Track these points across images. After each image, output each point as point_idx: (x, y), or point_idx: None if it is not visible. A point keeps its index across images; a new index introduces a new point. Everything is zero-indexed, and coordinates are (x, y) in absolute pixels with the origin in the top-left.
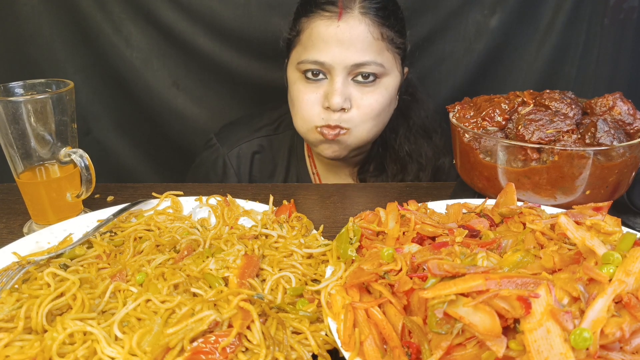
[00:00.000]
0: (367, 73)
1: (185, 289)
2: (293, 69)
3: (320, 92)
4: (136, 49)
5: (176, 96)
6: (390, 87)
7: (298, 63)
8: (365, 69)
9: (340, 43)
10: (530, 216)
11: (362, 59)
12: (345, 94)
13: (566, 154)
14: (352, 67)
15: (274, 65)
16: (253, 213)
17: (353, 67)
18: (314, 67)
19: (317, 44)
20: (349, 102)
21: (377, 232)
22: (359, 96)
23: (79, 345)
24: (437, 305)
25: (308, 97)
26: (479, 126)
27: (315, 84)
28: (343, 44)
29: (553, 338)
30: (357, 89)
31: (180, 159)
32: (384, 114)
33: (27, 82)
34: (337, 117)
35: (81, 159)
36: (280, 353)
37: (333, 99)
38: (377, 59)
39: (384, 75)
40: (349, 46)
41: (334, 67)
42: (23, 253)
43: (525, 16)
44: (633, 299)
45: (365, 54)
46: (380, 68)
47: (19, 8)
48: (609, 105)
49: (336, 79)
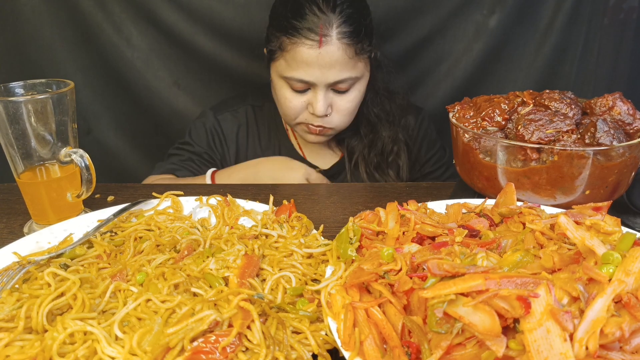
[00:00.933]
0: (345, 88)
1: (185, 289)
2: (278, 77)
3: (305, 100)
4: (137, 49)
5: (177, 96)
6: (362, 87)
7: (284, 76)
8: (343, 84)
9: (321, 66)
10: (530, 216)
11: (340, 77)
12: (327, 103)
13: (566, 154)
14: (332, 83)
15: None
16: (253, 213)
17: (333, 83)
18: (299, 84)
19: (301, 66)
20: (330, 108)
21: (377, 232)
22: (338, 101)
23: (80, 345)
24: (437, 305)
25: (294, 104)
26: (479, 126)
27: (300, 94)
28: (323, 67)
29: (553, 338)
30: (336, 96)
31: None
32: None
33: (28, 82)
34: (319, 120)
35: (81, 159)
36: (280, 353)
37: (317, 109)
38: (352, 74)
39: (357, 81)
40: (330, 68)
41: (317, 85)
42: (23, 253)
43: (524, 16)
44: (633, 299)
45: (342, 72)
46: (355, 80)
47: (19, 8)
48: (608, 105)
49: (319, 92)
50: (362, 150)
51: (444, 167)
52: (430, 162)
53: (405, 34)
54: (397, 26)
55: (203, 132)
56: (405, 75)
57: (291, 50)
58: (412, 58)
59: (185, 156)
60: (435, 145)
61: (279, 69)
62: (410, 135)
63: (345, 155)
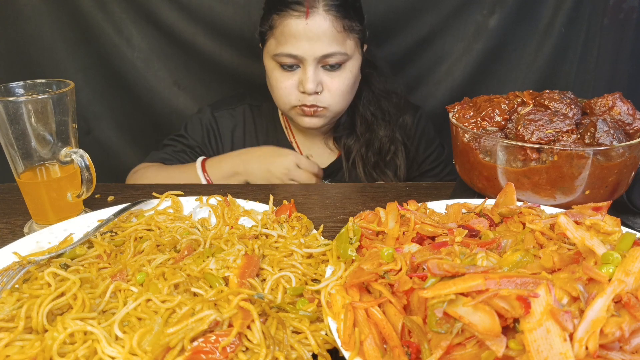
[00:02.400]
0: (334, 63)
1: (185, 289)
2: (269, 59)
3: (295, 79)
4: (137, 49)
5: (177, 96)
6: (354, 68)
7: (274, 55)
8: (332, 58)
9: (309, 38)
10: (530, 216)
11: (328, 51)
12: (317, 80)
13: (566, 154)
14: (321, 57)
15: None
16: (253, 213)
17: (321, 58)
18: (288, 59)
19: (289, 40)
20: (321, 86)
21: (377, 232)
22: (328, 80)
23: (80, 345)
24: (437, 305)
25: (285, 85)
26: (479, 126)
27: (290, 73)
28: (311, 39)
29: (553, 338)
30: (327, 75)
31: None
32: (351, 90)
33: (28, 82)
34: (312, 98)
35: (82, 159)
36: (280, 352)
37: (307, 85)
38: (341, 49)
39: (347, 60)
40: (317, 40)
41: (305, 59)
42: (23, 253)
43: (524, 16)
44: (632, 299)
45: (331, 45)
46: (344, 56)
47: (20, 8)
48: (608, 105)
49: (308, 68)
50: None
51: (442, 165)
52: (429, 160)
53: (405, 34)
54: (397, 26)
55: (199, 127)
56: (406, 75)
57: (279, 26)
58: (412, 58)
59: (178, 147)
60: (433, 143)
61: (270, 49)
62: (408, 134)
63: (342, 154)
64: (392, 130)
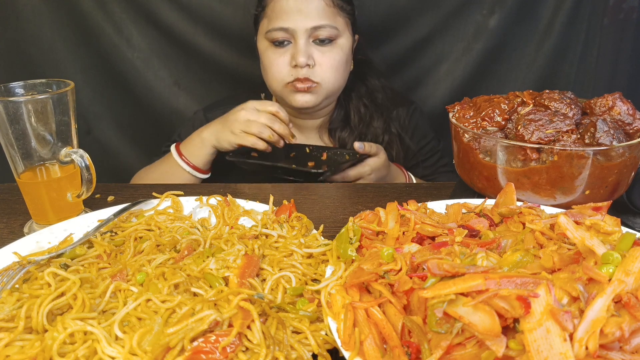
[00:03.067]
0: (325, 37)
1: (185, 289)
2: (262, 39)
3: (287, 55)
4: (137, 49)
5: (177, 96)
6: (344, 47)
7: (266, 32)
8: (323, 31)
9: (300, 11)
10: (530, 216)
11: (319, 23)
12: (308, 53)
13: (566, 154)
14: (312, 30)
15: None
16: (253, 213)
17: (312, 30)
18: (280, 33)
19: (281, 15)
20: (312, 60)
21: (377, 232)
22: (319, 55)
23: (80, 345)
24: (437, 305)
25: (277, 61)
26: (479, 126)
27: (282, 49)
28: (302, 12)
29: (553, 338)
30: (318, 49)
31: None
32: (342, 69)
33: (28, 82)
34: (304, 71)
35: (82, 159)
36: (280, 353)
37: (299, 58)
38: (331, 23)
39: (338, 37)
40: (308, 13)
41: (297, 31)
42: (23, 253)
43: (524, 16)
44: (632, 299)
45: (321, 19)
46: (335, 30)
47: (20, 8)
48: (608, 105)
49: (299, 41)
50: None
51: (438, 155)
52: (423, 152)
53: (406, 34)
54: (397, 26)
55: (191, 130)
56: (406, 75)
57: (271, 3)
58: (412, 58)
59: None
60: (428, 135)
61: (262, 29)
62: (402, 126)
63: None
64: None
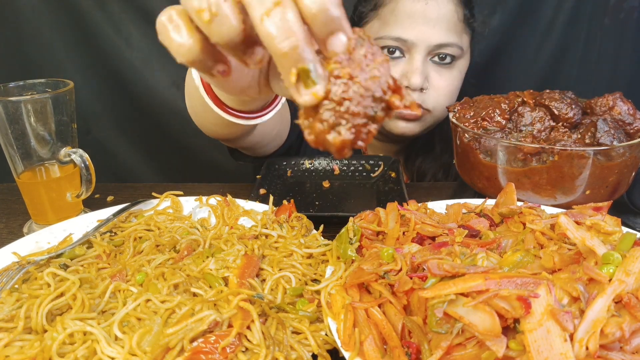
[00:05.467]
0: (446, 54)
1: (185, 289)
2: None
3: (397, 70)
4: (136, 49)
5: (176, 96)
6: (463, 69)
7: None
8: (447, 50)
9: (427, 21)
10: (530, 216)
11: (446, 40)
12: (425, 73)
13: (566, 154)
14: (435, 47)
15: None
16: (253, 213)
17: (435, 47)
18: (394, 44)
19: (401, 20)
20: (428, 82)
21: (377, 232)
22: (436, 77)
23: (79, 345)
24: (437, 305)
25: None
26: (479, 126)
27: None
28: (429, 22)
29: (553, 338)
30: (435, 70)
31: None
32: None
33: (27, 82)
34: (415, 97)
35: (81, 158)
36: (280, 353)
37: (413, 79)
38: (458, 42)
39: (460, 57)
40: (435, 25)
41: (416, 45)
42: (23, 253)
43: (525, 16)
44: (633, 299)
45: (449, 34)
46: (459, 50)
47: (19, 8)
48: (609, 105)
49: (416, 57)
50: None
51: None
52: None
53: None
54: None
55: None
56: None
57: (390, 3)
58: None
59: None
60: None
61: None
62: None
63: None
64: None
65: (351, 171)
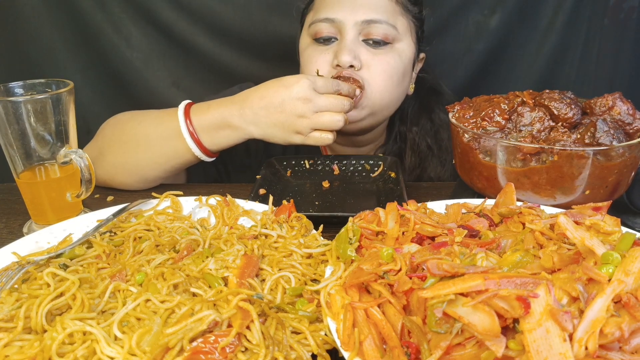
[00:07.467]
0: (379, 36)
1: (184, 289)
2: (305, 36)
3: (330, 53)
4: (136, 49)
5: (176, 96)
6: (403, 54)
7: (310, 25)
8: (377, 28)
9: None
10: (530, 216)
11: (373, 16)
12: (355, 52)
13: (566, 154)
14: (363, 23)
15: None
16: (253, 213)
17: (364, 25)
18: (325, 26)
19: (329, 3)
20: (359, 61)
21: (377, 232)
22: (369, 57)
23: (79, 345)
24: (437, 305)
25: (317, 58)
26: (479, 126)
27: (325, 47)
28: (355, 3)
29: (552, 338)
30: (368, 50)
31: None
32: (397, 80)
33: (27, 82)
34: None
35: (81, 159)
36: (279, 353)
37: (342, 56)
38: (389, 20)
39: (396, 40)
40: (364, 3)
41: (344, 24)
42: (23, 253)
43: (525, 16)
44: (632, 299)
45: (377, 12)
46: (393, 30)
47: (19, 8)
48: (608, 105)
49: (346, 37)
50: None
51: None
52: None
53: None
54: None
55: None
56: None
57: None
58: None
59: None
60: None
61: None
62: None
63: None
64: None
65: (351, 171)
